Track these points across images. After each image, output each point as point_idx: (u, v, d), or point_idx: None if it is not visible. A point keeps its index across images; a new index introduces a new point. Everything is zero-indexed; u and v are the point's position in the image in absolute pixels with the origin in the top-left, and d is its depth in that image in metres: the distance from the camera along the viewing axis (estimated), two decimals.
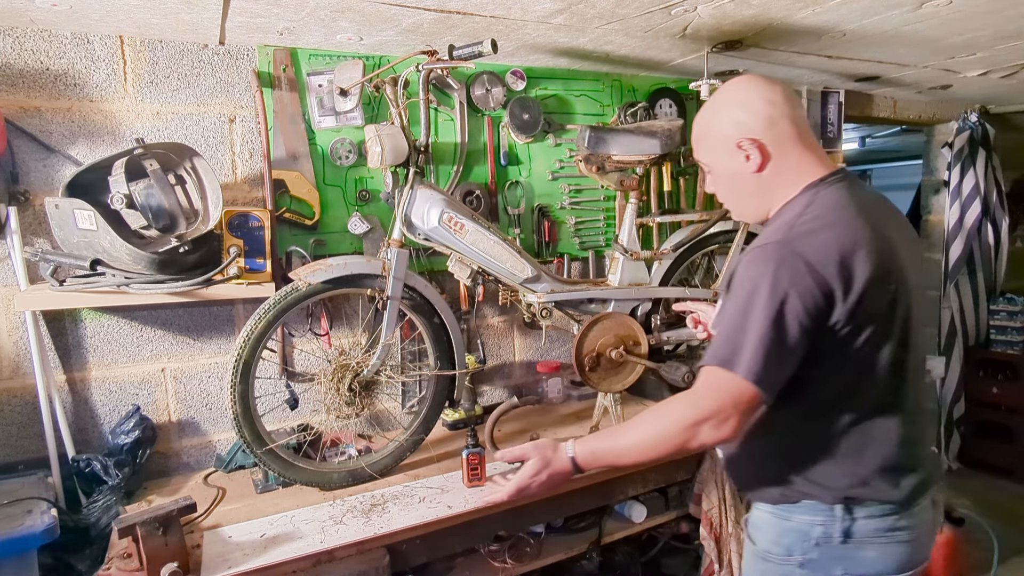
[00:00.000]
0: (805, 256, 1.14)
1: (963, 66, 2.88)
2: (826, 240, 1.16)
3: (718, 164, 1.33)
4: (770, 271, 1.15)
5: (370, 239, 2.36)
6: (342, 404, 1.96)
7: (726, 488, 2.24)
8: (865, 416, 1.21)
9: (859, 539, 1.22)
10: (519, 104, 2.61)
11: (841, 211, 1.20)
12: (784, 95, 1.27)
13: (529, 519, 2.06)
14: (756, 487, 1.32)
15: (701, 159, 1.37)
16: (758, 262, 1.17)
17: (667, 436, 1.21)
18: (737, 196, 1.35)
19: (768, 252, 1.17)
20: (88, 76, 1.98)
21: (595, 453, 1.32)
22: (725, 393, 1.16)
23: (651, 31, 2.18)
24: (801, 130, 1.27)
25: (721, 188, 1.36)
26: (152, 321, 2.12)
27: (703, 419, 1.17)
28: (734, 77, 1.33)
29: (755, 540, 1.34)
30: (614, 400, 2.22)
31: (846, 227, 1.18)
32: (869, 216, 1.21)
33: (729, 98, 1.30)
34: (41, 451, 1.94)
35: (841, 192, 1.23)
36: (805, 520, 1.24)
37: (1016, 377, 3.94)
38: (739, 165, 1.28)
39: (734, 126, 1.27)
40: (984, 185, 3.86)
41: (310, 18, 1.93)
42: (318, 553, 1.63)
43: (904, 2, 1.97)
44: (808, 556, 1.24)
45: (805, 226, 1.18)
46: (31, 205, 1.93)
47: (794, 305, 1.13)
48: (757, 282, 1.15)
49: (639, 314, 2.31)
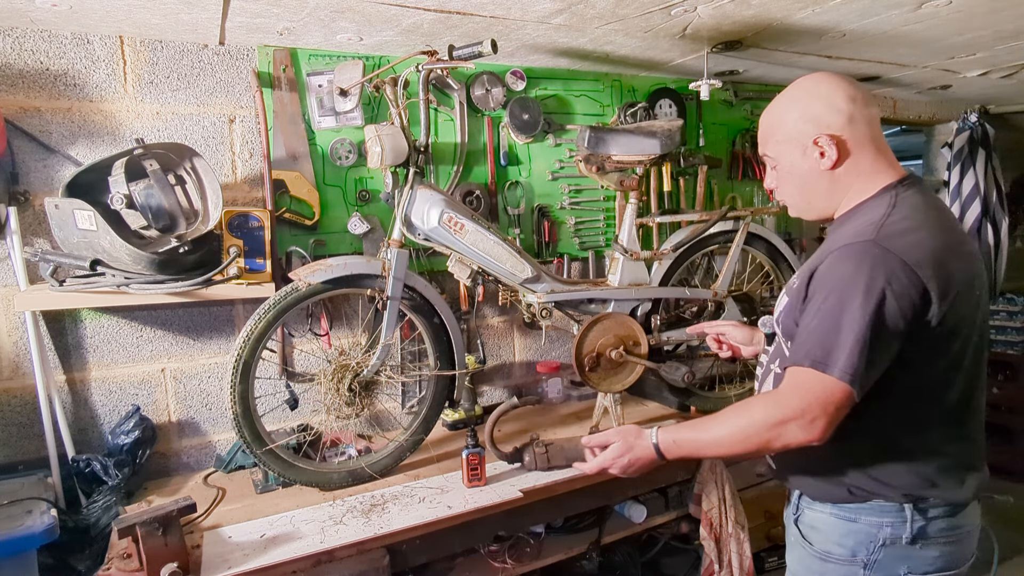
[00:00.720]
0: (900, 255, 1.12)
1: (963, 66, 2.88)
2: (919, 240, 1.14)
3: (787, 159, 1.29)
4: (865, 269, 1.12)
5: (370, 239, 2.36)
6: (342, 404, 1.96)
7: (726, 488, 2.24)
8: (942, 415, 1.21)
9: (927, 539, 1.21)
10: (519, 104, 2.61)
11: (927, 214, 1.20)
12: (864, 94, 1.25)
13: (529, 519, 2.06)
14: (818, 487, 1.29)
15: (768, 153, 1.33)
16: (850, 260, 1.15)
17: (751, 434, 1.20)
18: (803, 193, 1.31)
19: (860, 250, 1.14)
20: (88, 76, 1.98)
21: (678, 443, 1.31)
22: (813, 395, 1.14)
23: (651, 31, 2.18)
24: (876, 131, 1.26)
25: (786, 184, 1.33)
26: (152, 321, 2.12)
27: (789, 419, 1.15)
28: (810, 74, 1.29)
29: (811, 540, 1.31)
30: (614, 400, 2.22)
31: (937, 230, 1.17)
32: (950, 221, 1.23)
33: (807, 92, 1.26)
34: (41, 451, 1.94)
35: (921, 196, 1.23)
36: (873, 521, 1.23)
37: (1016, 377, 3.94)
38: (812, 162, 1.25)
39: (812, 122, 1.24)
40: (984, 185, 3.86)
41: (310, 18, 1.93)
42: (318, 553, 1.63)
43: (904, 2, 1.97)
44: (873, 557, 1.23)
45: (896, 226, 1.16)
46: (31, 205, 1.93)
47: (891, 304, 1.10)
48: (851, 280, 1.13)
49: (639, 314, 2.31)
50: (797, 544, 1.36)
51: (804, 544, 1.33)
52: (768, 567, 2.53)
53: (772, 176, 1.36)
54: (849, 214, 1.27)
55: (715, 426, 1.27)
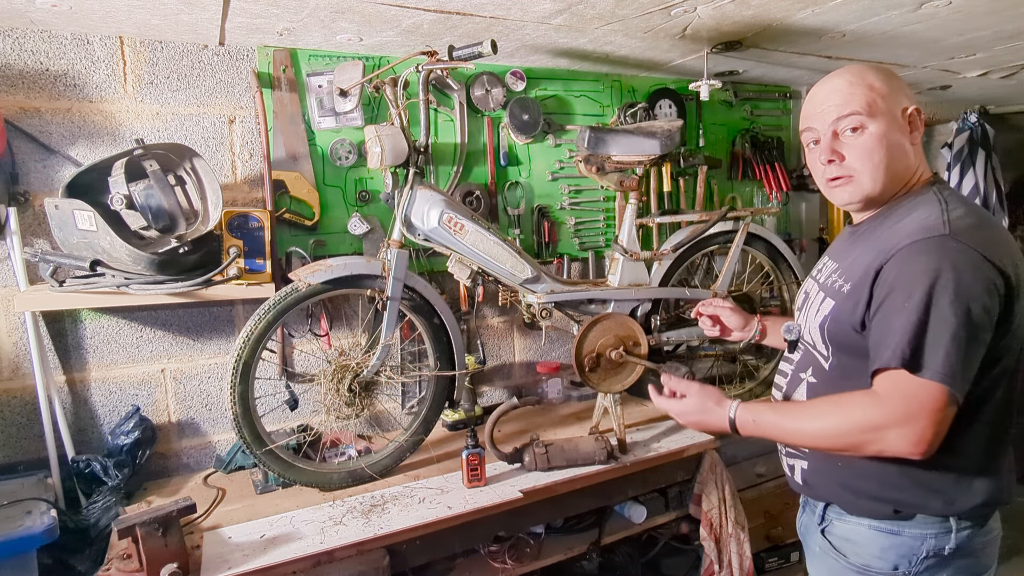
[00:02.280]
0: (979, 250, 1.08)
1: (963, 67, 2.88)
2: (993, 237, 1.12)
3: (881, 122, 1.21)
4: (948, 263, 1.07)
5: (370, 240, 2.36)
6: (342, 405, 1.96)
7: (726, 488, 2.24)
8: (996, 419, 1.17)
9: (967, 548, 1.20)
10: (519, 105, 2.61)
11: (982, 212, 1.19)
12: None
13: (529, 520, 2.06)
14: (857, 504, 1.24)
15: (858, 110, 1.21)
16: (929, 255, 1.09)
17: (843, 432, 1.13)
18: (892, 157, 1.22)
19: (939, 244, 1.09)
20: (88, 77, 1.98)
21: (758, 423, 1.26)
22: (917, 400, 1.05)
23: (651, 32, 2.18)
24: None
25: (877, 145, 1.21)
26: (152, 322, 2.12)
27: (891, 424, 1.07)
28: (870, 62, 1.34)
29: (846, 553, 1.27)
30: (614, 401, 2.22)
31: (1000, 228, 1.17)
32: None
33: (891, 72, 1.27)
34: (41, 452, 1.94)
35: (960, 196, 1.23)
36: (917, 534, 1.19)
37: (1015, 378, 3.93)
38: (902, 131, 1.22)
39: (906, 95, 1.24)
40: (984, 186, 3.85)
41: (310, 19, 1.93)
42: (318, 554, 1.63)
43: (904, 3, 1.97)
44: (915, 569, 1.20)
45: (962, 221, 1.12)
46: (31, 206, 1.93)
47: (981, 298, 1.05)
48: (936, 275, 1.07)
49: (639, 315, 2.31)
50: (826, 555, 1.31)
51: (836, 556, 1.28)
52: (768, 567, 2.53)
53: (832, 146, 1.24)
54: (894, 208, 1.23)
55: (804, 416, 1.21)
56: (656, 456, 2.17)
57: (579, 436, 2.17)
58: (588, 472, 2.05)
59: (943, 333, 1.05)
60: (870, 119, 1.21)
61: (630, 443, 2.22)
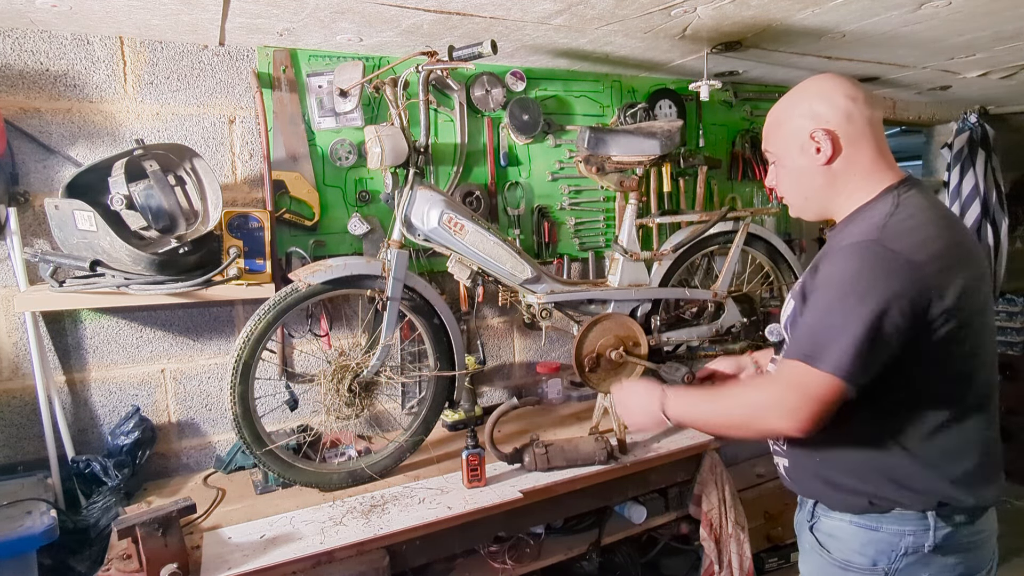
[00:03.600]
0: (904, 253, 1.12)
1: (962, 67, 2.89)
2: (924, 239, 1.14)
3: (787, 156, 1.31)
4: (866, 268, 1.13)
5: (370, 240, 2.36)
6: (342, 405, 1.96)
7: (726, 489, 2.24)
8: (962, 417, 1.19)
9: (947, 548, 1.20)
10: (519, 105, 2.61)
11: (932, 212, 1.20)
12: (866, 95, 1.26)
13: (529, 520, 2.06)
14: (836, 498, 1.27)
15: (769, 149, 1.36)
16: (852, 258, 1.15)
17: (737, 412, 1.27)
18: (801, 191, 1.32)
19: (863, 249, 1.15)
20: (88, 77, 1.98)
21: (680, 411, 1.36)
22: (796, 386, 1.16)
23: (651, 32, 2.18)
24: (877, 133, 1.27)
25: (785, 181, 1.34)
26: (152, 322, 2.12)
27: (770, 404, 1.19)
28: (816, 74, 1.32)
29: (829, 549, 1.29)
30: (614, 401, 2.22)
31: (941, 228, 1.17)
32: (954, 220, 1.23)
33: (809, 90, 1.28)
34: (41, 452, 1.94)
35: (924, 197, 1.23)
36: (895, 530, 1.21)
37: (1016, 378, 3.93)
38: (809, 158, 1.26)
39: (810, 117, 1.26)
40: (984, 186, 3.86)
41: (310, 19, 1.93)
42: (318, 554, 1.63)
43: (903, 3, 1.97)
44: (895, 566, 1.21)
45: (900, 225, 1.16)
46: (31, 206, 1.93)
47: (892, 304, 1.10)
48: (852, 278, 1.14)
49: (639, 315, 2.31)
50: (813, 552, 1.33)
51: (822, 552, 1.31)
52: (768, 568, 2.54)
53: (773, 173, 1.37)
54: (851, 217, 1.27)
55: (712, 398, 1.35)
56: (656, 456, 2.17)
57: (579, 436, 2.17)
58: (588, 472, 2.05)
59: (845, 332, 1.12)
60: (777, 154, 1.33)
61: (630, 443, 2.22)
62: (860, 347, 1.11)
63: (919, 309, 1.11)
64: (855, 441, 1.23)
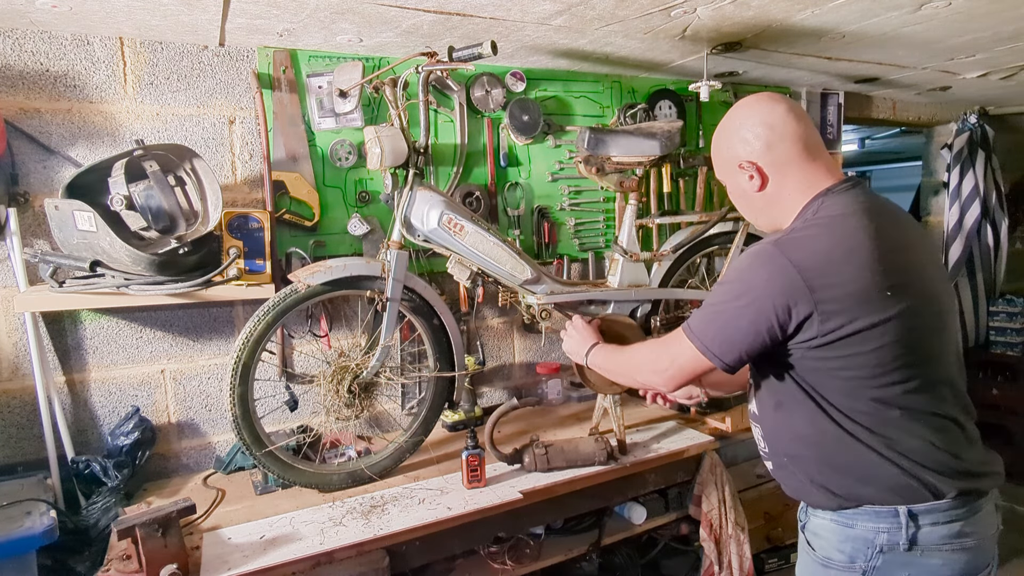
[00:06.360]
0: (792, 258, 1.19)
1: (962, 68, 2.89)
2: (818, 245, 1.20)
3: (730, 181, 1.40)
4: (755, 266, 1.24)
5: (370, 240, 2.36)
6: (342, 406, 1.96)
7: (726, 489, 2.24)
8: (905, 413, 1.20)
9: (925, 546, 1.21)
10: (519, 105, 2.61)
11: (843, 217, 1.22)
12: (785, 116, 1.30)
13: (529, 521, 2.06)
14: (812, 493, 1.31)
15: (717, 175, 1.45)
16: (748, 256, 1.27)
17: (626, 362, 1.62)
18: (750, 210, 1.42)
19: (760, 250, 1.24)
20: (88, 77, 1.98)
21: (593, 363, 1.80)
22: (670, 349, 1.39)
23: (651, 33, 2.18)
24: (807, 145, 1.30)
25: (736, 202, 1.44)
26: (152, 322, 2.12)
27: (647, 360, 1.50)
28: (745, 97, 1.38)
29: (814, 546, 1.32)
30: (614, 402, 2.22)
31: (843, 233, 1.20)
32: (874, 219, 1.22)
33: (734, 120, 1.36)
34: (40, 453, 1.94)
35: (847, 198, 1.25)
36: (869, 527, 1.23)
37: (1015, 378, 3.94)
38: (745, 183, 1.35)
39: (740, 146, 1.33)
40: (983, 186, 3.86)
41: (310, 20, 1.93)
42: (317, 555, 1.63)
43: (903, 4, 1.97)
44: (872, 563, 1.23)
45: (803, 231, 1.24)
46: (31, 206, 1.93)
47: (765, 302, 1.20)
48: (737, 273, 1.28)
49: (639, 315, 2.31)
50: (803, 551, 1.37)
51: (808, 551, 1.34)
52: (768, 568, 2.53)
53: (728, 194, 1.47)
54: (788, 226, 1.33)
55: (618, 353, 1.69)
56: (656, 457, 2.17)
57: (579, 437, 2.17)
58: (588, 473, 2.05)
59: (718, 316, 1.29)
60: (725, 180, 1.42)
61: (630, 444, 2.22)
62: (728, 334, 1.26)
63: (799, 309, 1.18)
64: (818, 438, 1.27)
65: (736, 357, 1.28)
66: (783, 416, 1.33)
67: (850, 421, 1.22)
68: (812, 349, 1.21)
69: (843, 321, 1.16)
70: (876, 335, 1.17)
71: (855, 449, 1.22)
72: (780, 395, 1.32)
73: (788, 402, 1.30)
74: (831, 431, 1.24)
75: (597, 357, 1.76)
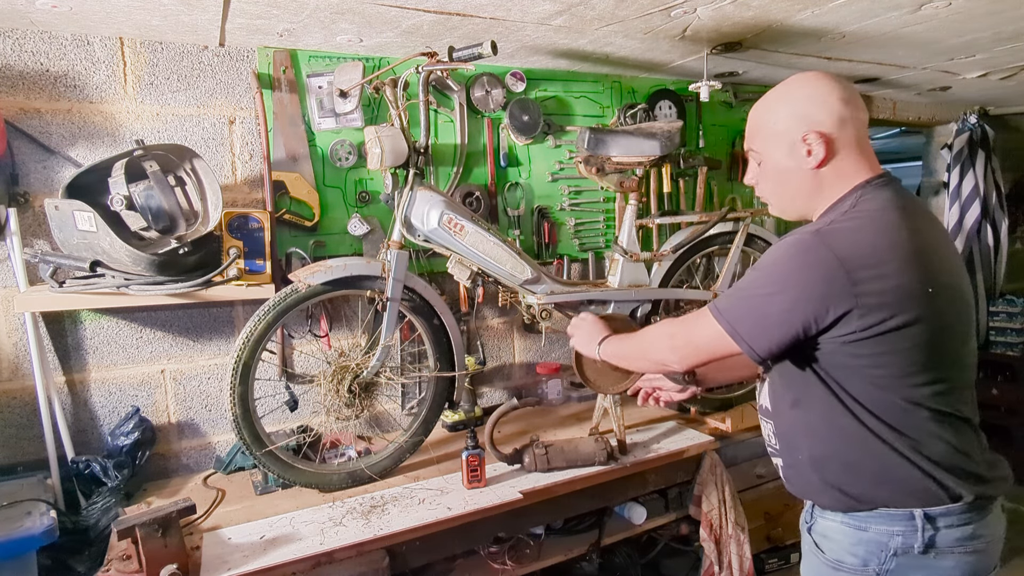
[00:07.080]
0: (835, 250, 1.14)
1: (962, 68, 2.89)
2: (862, 238, 1.16)
3: (772, 156, 1.30)
4: (794, 255, 1.18)
5: (370, 240, 2.36)
6: (342, 406, 1.96)
7: (726, 489, 2.24)
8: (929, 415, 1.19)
9: (940, 549, 1.19)
10: (519, 106, 2.61)
11: (883, 212, 1.19)
12: (857, 97, 1.25)
13: (529, 521, 2.06)
14: (823, 494, 1.28)
15: (754, 148, 1.34)
16: (787, 245, 1.20)
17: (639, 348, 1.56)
18: (784, 191, 1.32)
19: (799, 238, 1.19)
20: (88, 78, 1.98)
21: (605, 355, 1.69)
22: (689, 326, 1.35)
23: (651, 33, 2.18)
24: (862, 135, 1.26)
25: (768, 181, 1.33)
26: (152, 322, 2.12)
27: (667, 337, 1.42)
28: (803, 72, 1.30)
29: (823, 549, 1.30)
30: (614, 402, 2.22)
31: (885, 227, 1.17)
32: (911, 217, 1.20)
33: (801, 90, 1.26)
34: (40, 453, 1.94)
35: (886, 193, 1.22)
36: (883, 530, 1.21)
37: (1015, 378, 3.94)
38: (797, 160, 1.26)
39: (802, 119, 1.24)
40: (983, 186, 3.86)
41: (310, 20, 1.93)
42: (317, 555, 1.63)
43: (903, 4, 1.97)
44: (886, 567, 1.21)
45: (844, 223, 1.19)
46: (31, 206, 1.93)
47: (804, 292, 1.15)
48: (777, 261, 1.21)
49: (639, 315, 2.31)
50: (811, 553, 1.34)
51: (816, 553, 1.32)
52: (768, 568, 2.53)
53: (754, 172, 1.36)
54: (822, 215, 1.28)
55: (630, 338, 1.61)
56: (656, 457, 2.17)
57: (579, 437, 2.17)
58: (588, 473, 2.05)
59: (743, 295, 1.25)
60: (766, 153, 1.31)
61: (630, 444, 2.22)
62: (760, 321, 1.21)
63: (839, 303, 1.13)
64: (838, 437, 1.24)
65: (766, 347, 1.22)
66: (800, 413, 1.29)
67: (876, 420, 1.19)
68: (847, 344, 1.16)
69: (885, 316, 1.13)
70: (914, 333, 1.15)
71: (877, 449, 1.20)
72: (800, 391, 1.28)
73: (808, 398, 1.27)
74: (853, 430, 1.21)
75: (609, 347, 1.68)
